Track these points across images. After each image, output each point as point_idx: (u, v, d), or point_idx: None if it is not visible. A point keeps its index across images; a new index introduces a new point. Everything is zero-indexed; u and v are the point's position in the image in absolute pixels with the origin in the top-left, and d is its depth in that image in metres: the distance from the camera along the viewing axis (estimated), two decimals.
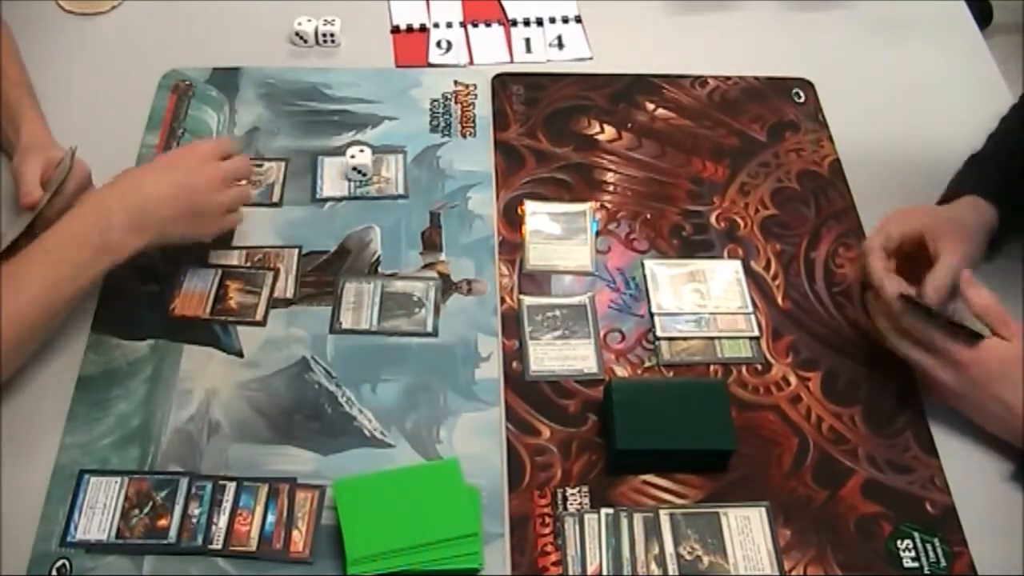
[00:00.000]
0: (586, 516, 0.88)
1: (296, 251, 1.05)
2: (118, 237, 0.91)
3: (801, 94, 1.24)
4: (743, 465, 0.92)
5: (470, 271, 1.04)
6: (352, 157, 1.10)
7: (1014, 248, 1.07)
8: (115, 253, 0.92)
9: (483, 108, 1.20)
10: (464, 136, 1.17)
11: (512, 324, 1.00)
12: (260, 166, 1.12)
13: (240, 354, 0.97)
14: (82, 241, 0.90)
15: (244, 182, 1.03)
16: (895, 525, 0.89)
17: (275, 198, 1.10)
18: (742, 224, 1.10)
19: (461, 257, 1.06)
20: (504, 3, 1.33)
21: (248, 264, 1.04)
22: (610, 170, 1.15)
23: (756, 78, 1.25)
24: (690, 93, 1.23)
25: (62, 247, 0.90)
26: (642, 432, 0.90)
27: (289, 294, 1.01)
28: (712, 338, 1.01)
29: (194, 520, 0.86)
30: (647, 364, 0.99)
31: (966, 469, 0.92)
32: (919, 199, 1.09)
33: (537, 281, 1.04)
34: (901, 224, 0.98)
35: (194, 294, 1.00)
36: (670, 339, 1.00)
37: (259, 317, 0.99)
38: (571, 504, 0.89)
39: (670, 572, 0.85)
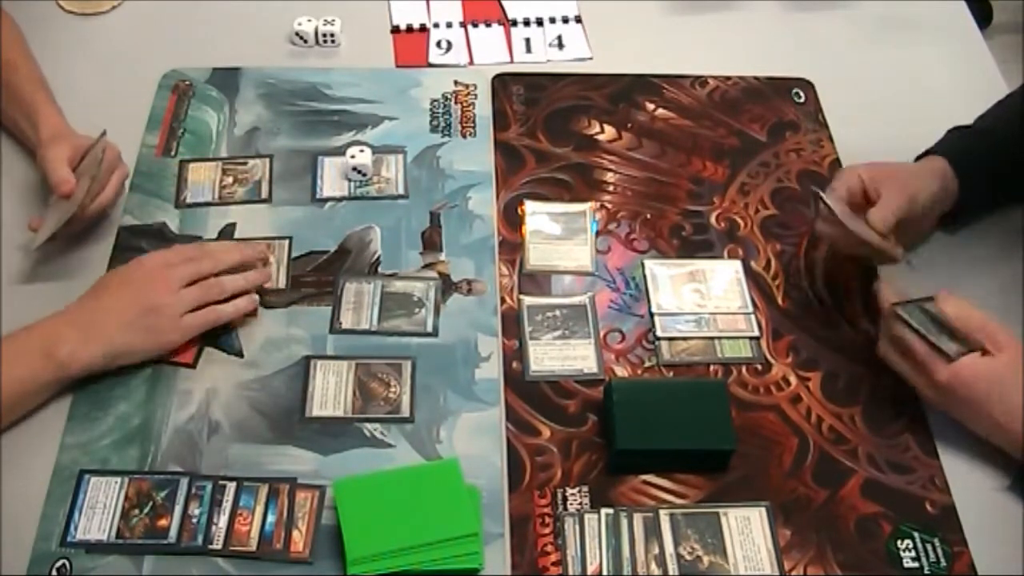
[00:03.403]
0: (586, 516, 0.88)
1: (287, 242, 1.05)
2: (67, 350, 0.88)
3: (801, 94, 1.24)
4: (743, 465, 0.92)
5: (470, 271, 1.04)
6: (352, 157, 1.10)
7: (1013, 247, 1.07)
8: (64, 368, 0.88)
9: (483, 108, 1.20)
10: (464, 136, 1.17)
11: (512, 324, 1.00)
12: (244, 164, 1.12)
13: (240, 354, 0.97)
14: (28, 354, 0.87)
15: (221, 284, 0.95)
16: (895, 525, 0.89)
17: (263, 194, 1.10)
18: (742, 224, 1.10)
19: (461, 257, 1.06)
20: (504, 3, 1.33)
21: None
22: (610, 170, 1.15)
23: (756, 78, 1.25)
24: (690, 93, 1.23)
25: (7, 361, 0.86)
26: (642, 432, 0.90)
27: (281, 284, 1.01)
28: (712, 338, 1.01)
29: (194, 520, 0.86)
30: (647, 364, 0.99)
31: (966, 469, 0.92)
32: None
33: (537, 281, 1.04)
34: (845, 180, 1.00)
35: None
36: (670, 339, 1.00)
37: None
38: (571, 504, 0.89)
39: (670, 572, 0.85)
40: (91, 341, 0.89)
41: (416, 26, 1.29)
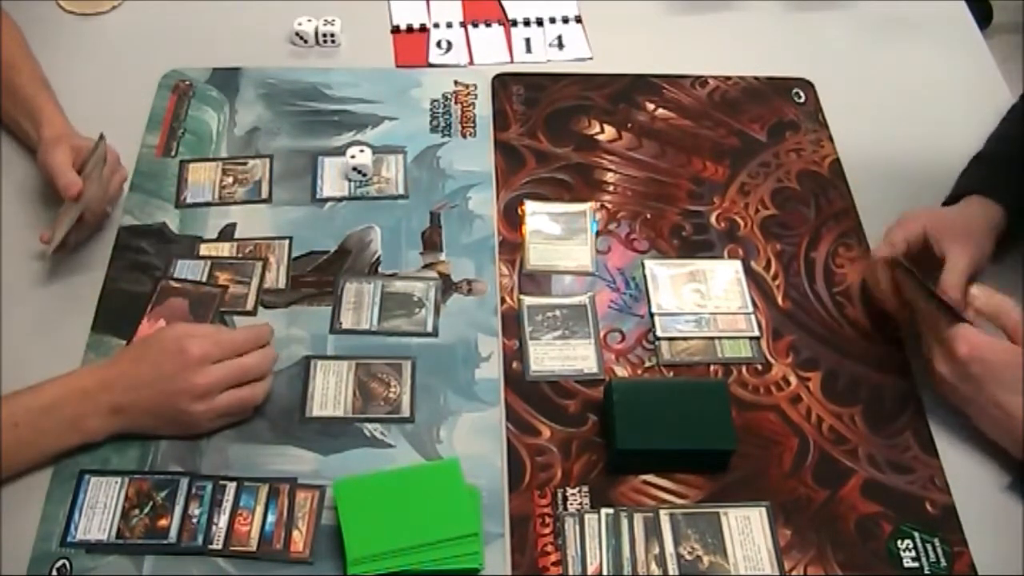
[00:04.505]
0: (586, 516, 0.88)
1: (287, 242, 1.05)
2: (94, 425, 0.87)
3: (801, 94, 1.24)
4: (743, 465, 0.92)
5: (470, 271, 1.04)
6: (352, 157, 1.10)
7: (1015, 252, 1.07)
8: (87, 437, 0.87)
9: (483, 108, 1.20)
10: (464, 136, 1.17)
11: (512, 324, 1.00)
12: (244, 164, 1.12)
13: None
14: (56, 422, 0.86)
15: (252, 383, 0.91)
16: (895, 525, 0.89)
17: (263, 195, 1.10)
18: (742, 224, 1.10)
19: (461, 257, 1.06)
20: (504, 3, 1.33)
21: (239, 255, 1.04)
22: (610, 170, 1.15)
23: (756, 78, 1.25)
24: (690, 93, 1.23)
25: (32, 424, 0.85)
26: (642, 432, 0.90)
27: (281, 285, 1.01)
28: (712, 338, 1.01)
29: (194, 520, 0.86)
30: (647, 364, 0.99)
31: (966, 469, 0.92)
32: (919, 199, 1.08)
33: (537, 281, 1.04)
34: (905, 230, 0.98)
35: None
36: (670, 339, 1.00)
37: (249, 307, 1.00)
38: (571, 504, 0.89)
39: (670, 572, 0.85)
40: (119, 419, 0.87)
41: (416, 26, 1.29)
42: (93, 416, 0.87)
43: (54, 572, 0.82)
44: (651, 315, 1.02)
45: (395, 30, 1.29)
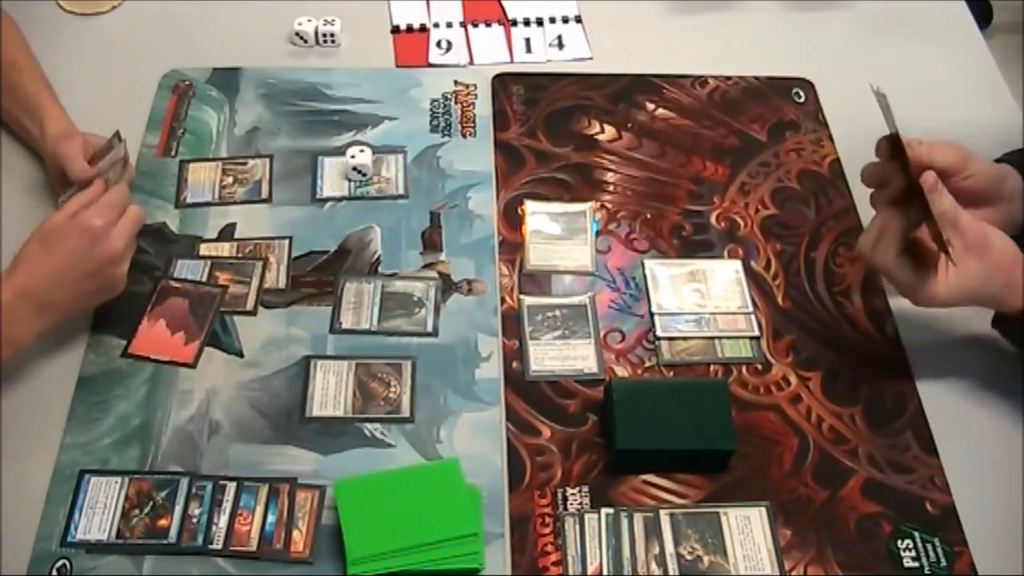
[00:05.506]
0: (586, 516, 0.88)
1: (287, 242, 1.05)
2: (22, 332, 0.88)
3: (801, 94, 1.24)
4: (743, 465, 0.92)
5: (470, 271, 1.05)
6: (352, 157, 1.10)
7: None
8: (18, 346, 0.89)
9: (483, 108, 1.20)
10: (464, 136, 1.17)
11: (512, 324, 1.00)
12: (244, 164, 1.12)
13: (240, 354, 0.97)
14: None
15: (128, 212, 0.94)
16: (895, 525, 0.89)
17: (263, 194, 1.10)
18: (742, 224, 1.10)
19: (461, 257, 1.06)
20: (504, 3, 1.33)
21: (239, 255, 1.04)
22: (610, 170, 1.15)
23: (756, 78, 1.25)
24: (690, 93, 1.23)
25: None
26: (642, 432, 0.90)
27: (281, 284, 1.02)
28: (712, 338, 1.01)
29: (194, 520, 0.86)
30: (647, 364, 0.99)
31: (966, 469, 0.93)
32: None
33: (537, 281, 1.04)
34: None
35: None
36: (670, 339, 1.00)
37: (249, 307, 1.00)
38: (571, 504, 0.89)
39: (670, 572, 0.85)
40: (47, 315, 0.90)
41: (416, 26, 1.29)
42: (19, 325, 0.88)
43: (54, 572, 0.83)
44: (651, 315, 1.02)
45: (395, 30, 1.29)
